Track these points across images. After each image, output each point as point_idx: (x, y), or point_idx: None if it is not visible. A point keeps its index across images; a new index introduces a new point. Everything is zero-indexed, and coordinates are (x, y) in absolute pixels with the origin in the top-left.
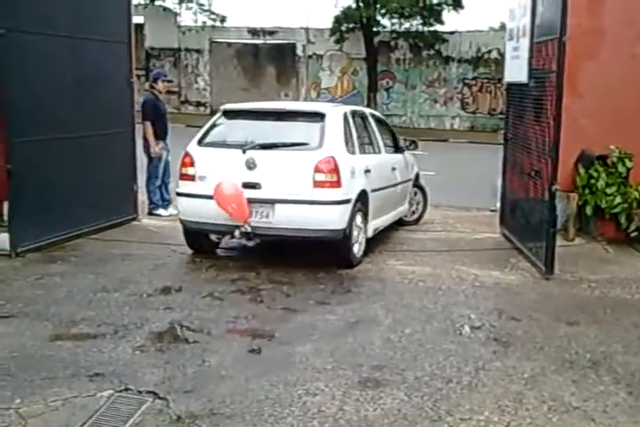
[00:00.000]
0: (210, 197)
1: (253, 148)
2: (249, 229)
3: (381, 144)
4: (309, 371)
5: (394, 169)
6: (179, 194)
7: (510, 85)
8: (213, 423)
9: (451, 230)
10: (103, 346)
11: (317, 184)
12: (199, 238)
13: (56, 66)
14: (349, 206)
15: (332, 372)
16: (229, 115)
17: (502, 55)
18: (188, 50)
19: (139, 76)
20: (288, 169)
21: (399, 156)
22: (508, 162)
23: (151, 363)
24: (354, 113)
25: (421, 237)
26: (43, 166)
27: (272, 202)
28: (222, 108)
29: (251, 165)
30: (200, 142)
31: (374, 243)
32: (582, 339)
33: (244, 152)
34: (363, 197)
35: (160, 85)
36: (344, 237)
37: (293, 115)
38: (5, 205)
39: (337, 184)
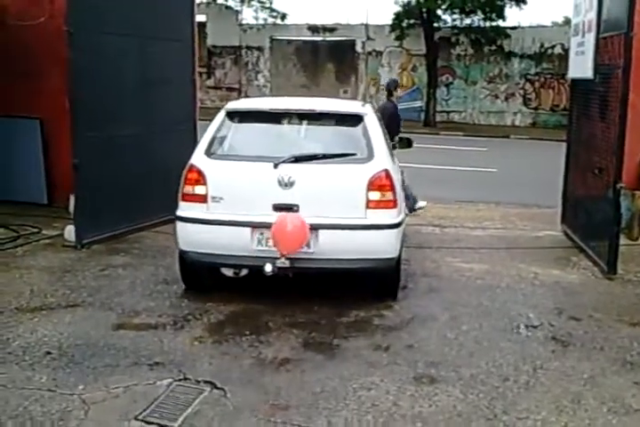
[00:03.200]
0: (230, 224)
1: (287, 161)
2: (286, 264)
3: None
4: (364, 365)
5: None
6: (181, 219)
7: (575, 81)
8: (269, 414)
9: (511, 228)
10: (163, 336)
11: (371, 204)
12: (202, 274)
13: (122, 64)
14: (402, 229)
15: (386, 367)
16: (237, 117)
17: (566, 50)
18: (248, 47)
19: (200, 74)
20: (334, 187)
21: None
22: (571, 159)
23: (209, 354)
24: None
25: (480, 234)
26: (107, 161)
27: (315, 228)
28: (227, 107)
29: (286, 183)
30: (209, 153)
31: (431, 240)
32: None
33: (275, 166)
34: None
35: (398, 92)
36: (397, 265)
37: (325, 117)
38: (72, 199)
39: (393, 204)
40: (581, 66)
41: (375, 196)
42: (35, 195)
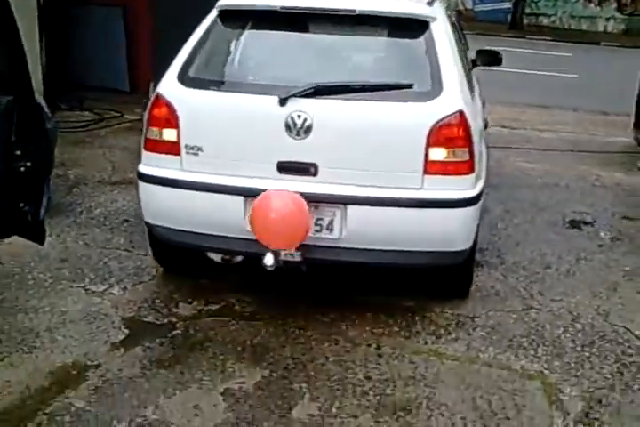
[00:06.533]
0: (213, 189)
1: (302, 93)
2: (296, 257)
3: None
4: None
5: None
6: (143, 177)
7: None
8: None
9: (580, 132)
10: None
11: (433, 168)
12: (176, 254)
13: None
14: (479, 206)
15: None
16: (233, 21)
17: None
18: None
19: None
20: (373, 138)
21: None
22: None
23: None
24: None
25: (549, 137)
26: None
27: (341, 201)
28: (219, 4)
29: (298, 129)
30: (183, 78)
31: (498, 140)
32: None
33: (282, 102)
34: None
35: None
36: (467, 260)
37: (368, 22)
38: (151, 86)
39: (468, 166)
40: None
41: (440, 153)
42: (118, 82)
